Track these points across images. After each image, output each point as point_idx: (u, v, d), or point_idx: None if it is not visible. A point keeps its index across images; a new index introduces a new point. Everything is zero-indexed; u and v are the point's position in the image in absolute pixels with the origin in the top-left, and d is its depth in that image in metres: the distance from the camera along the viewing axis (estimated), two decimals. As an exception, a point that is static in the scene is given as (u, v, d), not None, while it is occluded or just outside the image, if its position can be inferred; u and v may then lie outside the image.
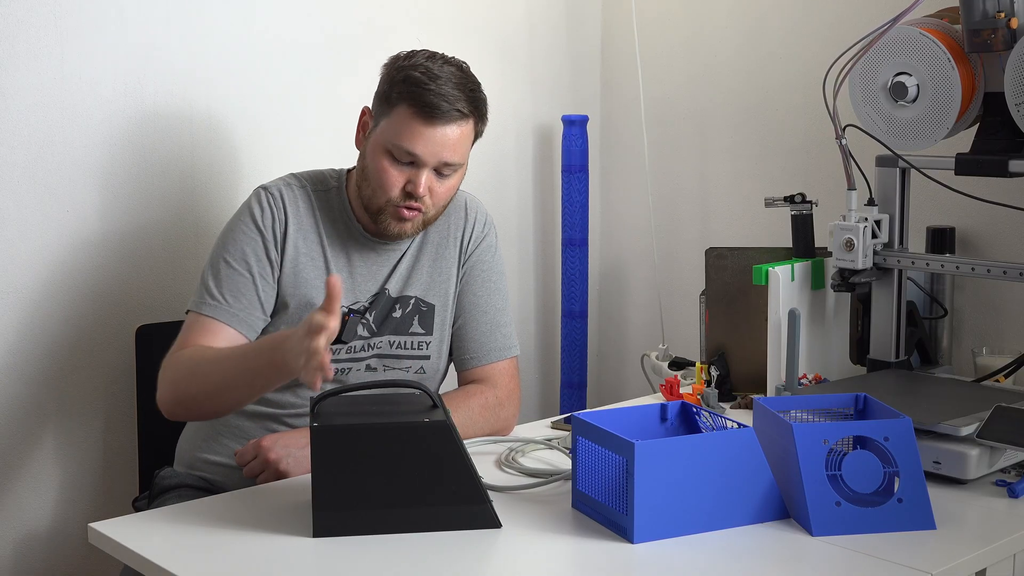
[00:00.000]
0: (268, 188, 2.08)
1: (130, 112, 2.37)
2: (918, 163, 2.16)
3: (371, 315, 2.08)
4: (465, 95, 1.99)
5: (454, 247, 2.16)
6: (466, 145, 2.02)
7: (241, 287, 2.01)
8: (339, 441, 1.65)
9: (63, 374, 2.34)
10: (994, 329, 2.45)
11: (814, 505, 1.64)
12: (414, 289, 2.12)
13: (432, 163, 1.99)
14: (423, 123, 1.96)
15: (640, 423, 1.80)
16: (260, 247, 2.03)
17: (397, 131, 1.98)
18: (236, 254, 2.03)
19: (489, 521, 1.68)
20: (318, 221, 2.08)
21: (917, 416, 1.81)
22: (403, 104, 1.97)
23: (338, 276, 1.70)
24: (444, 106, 1.96)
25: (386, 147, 1.99)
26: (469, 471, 1.68)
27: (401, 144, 1.97)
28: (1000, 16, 1.99)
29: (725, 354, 2.37)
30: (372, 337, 2.08)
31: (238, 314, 2.00)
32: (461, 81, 1.99)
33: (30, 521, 2.33)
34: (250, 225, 2.04)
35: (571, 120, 2.97)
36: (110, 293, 2.38)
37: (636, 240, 3.12)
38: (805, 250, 2.33)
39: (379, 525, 1.65)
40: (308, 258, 2.06)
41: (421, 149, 1.97)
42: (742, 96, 2.86)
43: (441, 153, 1.98)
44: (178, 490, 2.06)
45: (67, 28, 2.27)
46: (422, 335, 2.11)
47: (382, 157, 2.00)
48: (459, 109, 1.97)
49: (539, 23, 3.03)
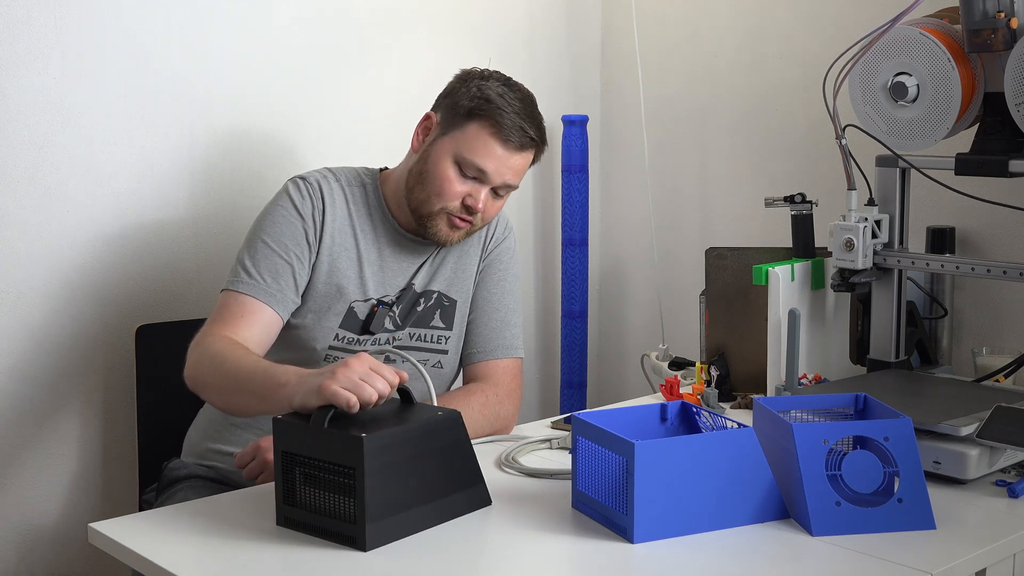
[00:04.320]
0: (306, 178, 2.11)
1: (130, 112, 2.37)
2: (918, 163, 2.16)
3: (398, 308, 2.12)
4: (536, 124, 2.08)
5: (477, 245, 2.21)
6: (524, 171, 2.11)
7: (279, 268, 2.03)
8: (385, 449, 1.61)
9: (63, 374, 2.34)
10: (994, 329, 2.45)
11: (814, 505, 1.64)
12: (438, 284, 2.16)
13: (496, 183, 2.06)
14: (499, 144, 2.04)
15: (640, 423, 1.80)
16: (300, 231, 2.05)
17: (471, 146, 2.04)
18: (275, 235, 2.04)
19: (483, 500, 1.73)
20: (352, 214, 2.12)
21: (917, 416, 1.81)
22: (482, 121, 2.04)
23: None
24: (520, 133, 2.04)
25: (455, 158, 2.05)
26: (472, 456, 1.73)
27: (474, 160, 2.03)
28: (1000, 16, 1.99)
29: (725, 354, 2.37)
30: (396, 330, 2.11)
31: (275, 294, 2.01)
32: (533, 111, 2.09)
33: (30, 521, 2.33)
34: (290, 209, 2.06)
35: (571, 120, 2.97)
36: (110, 293, 2.38)
37: (636, 240, 3.12)
38: (805, 250, 2.33)
39: (409, 526, 1.64)
40: (342, 248, 2.09)
41: (492, 168, 2.04)
42: (742, 96, 2.87)
43: (507, 175, 2.07)
44: (188, 480, 2.07)
45: (67, 28, 2.27)
46: (442, 329, 2.15)
47: (448, 166, 2.05)
48: (532, 137, 2.06)
49: (539, 23, 3.03)
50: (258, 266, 2.02)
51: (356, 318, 2.08)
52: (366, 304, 2.09)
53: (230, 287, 2.01)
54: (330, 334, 2.07)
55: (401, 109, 2.76)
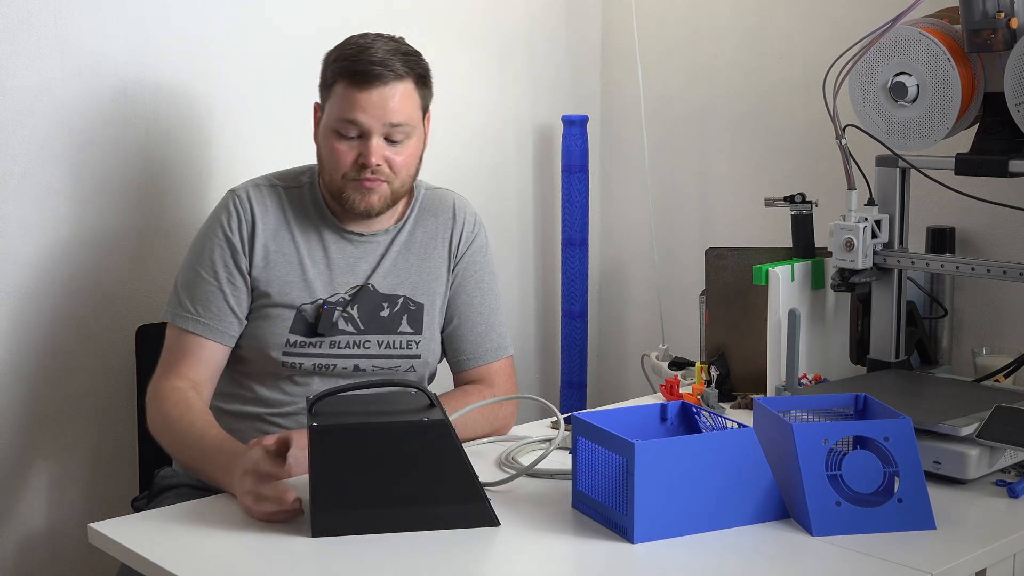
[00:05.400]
0: (236, 191, 2.11)
1: (130, 113, 2.37)
2: (918, 163, 2.16)
3: (354, 309, 2.08)
4: (399, 59, 2.01)
5: (443, 247, 2.16)
6: (410, 106, 2.03)
7: (210, 296, 2.04)
8: (338, 441, 1.65)
9: (63, 374, 2.34)
10: (994, 329, 2.45)
11: (814, 505, 1.64)
12: (403, 288, 2.12)
13: (378, 128, 2.00)
14: (359, 90, 1.99)
15: (640, 423, 1.80)
16: (228, 255, 2.06)
17: (339, 107, 2.01)
18: (205, 263, 2.06)
19: (488, 519, 1.68)
20: (289, 218, 2.10)
21: (917, 416, 1.81)
22: (339, 79, 2.01)
23: (275, 436, 1.79)
24: (377, 69, 1.98)
25: (332, 127, 2.02)
26: (467, 469, 1.68)
27: (343, 117, 2.00)
28: (1000, 16, 1.99)
29: (725, 354, 2.37)
30: (359, 335, 2.08)
31: (212, 326, 2.04)
32: (394, 48, 2.03)
33: (30, 521, 2.33)
34: (218, 233, 2.07)
35: (571, 120, 2.97)
36: (110, 293, 2.38)
37: (636, 240, 3.12)
38: (805, 250, 2.33)
39: (379, 524, 1.65)
40: (279, 255, 2.07)
41: (361, 116, 1.99)
42: (742, 96, 2.86)
43: (383, 115, 1.99)
44: (177, 489, 2.06)
45: (67, 28, 2.27)
46: (411, 334, 2.12)
47: (331, 138, 2.03)
48: (392, 70, 1.99)
49: (539, 23, 3.03)
50: (190, 296, 2.05)
51: (305, 321, 2.06)
52: (314, 306, 2.07)
53: (169, 318, 2.06)
54: (281, 340, 2.05)
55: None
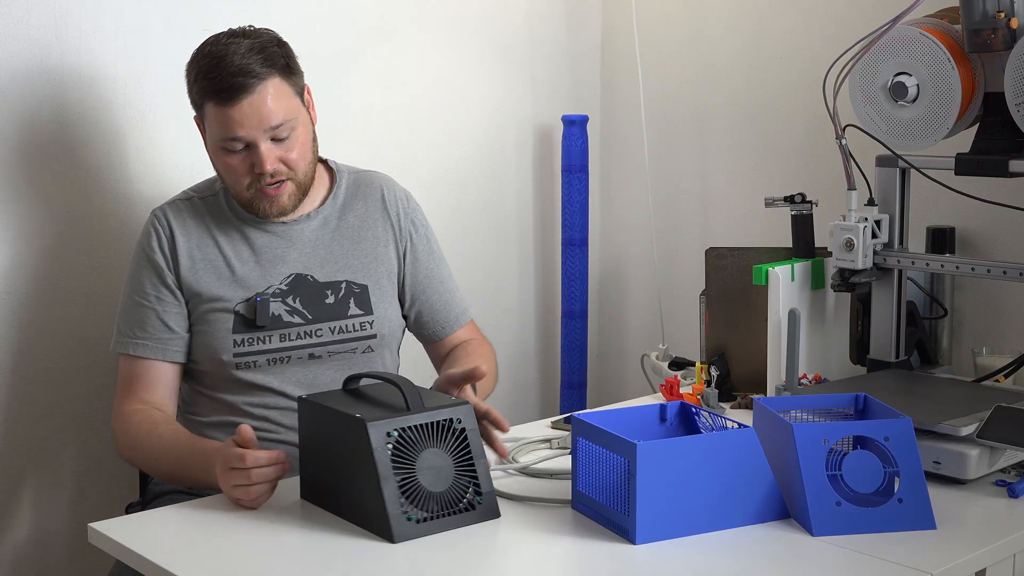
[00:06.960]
0: (155, 212, 2.14)
1: (130, 113, 2.37)
2: (918, 163, 2.16)
3: (296, 301, 2.10)
4: (256, 59, 1.98)
5: (383, 228, 2.18)
6: (284, 101, 2.02)
7: (144, 317, 2.07)
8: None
9: (63, 374, 2.34)
10: (994, 329, 2.45)
11: (814, 505, 1.64)
12: (343, 273, 2.14)
13: (260, 136, 2.00)
14: (228, 106, 1.98)
15: (640, 423, 1.80)
16: (154, 275, 2.09)
17: (216, 128, 2.01)
18: (137, 289, 2.10)
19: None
20: (209, 224, 2.12)
21: (917, 416, 1.81)
22: (207, 102, 2.01)
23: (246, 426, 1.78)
24: (239, 80, 1.96)
25: (218, 146, 2.03)
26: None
27: (224, 135, 2.00)
28: (1000, 16, 1.99)
29: (725, 354, 2.37)
30: (308, 324, 2.09)
31: (149, 344, 2.07)
32: (248, 47, 1.99)
33: (30, 521, 2.33)
34: (142, 258, 2.11)
35: (571, 120, 2.97)
36: (110, 293, 2.37)
37: (636, 240, 3.12)
38: (805, 250, 2.33)
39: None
40: (205, 262, 2.09)
41: (240, 130, 1.99)
42: (742, 96, 2.86)
43: (261, 123, 1.99)
44: (170, 495, 2.08)
45: (67, 28, 2.27)
46: (362, 315, 2.13)
47: (221, 156, 2.04)
48: (254, 75, 1.97)
49: (539, 23, 3.03)
50: (129, 322, 2.08)
51: (245, 319, 2.07)
52: (248, 303, 2.07)
53: (118, 350, 2.09)
54: (227, 342, 2.06)
55: (402, 109, 2.77)
